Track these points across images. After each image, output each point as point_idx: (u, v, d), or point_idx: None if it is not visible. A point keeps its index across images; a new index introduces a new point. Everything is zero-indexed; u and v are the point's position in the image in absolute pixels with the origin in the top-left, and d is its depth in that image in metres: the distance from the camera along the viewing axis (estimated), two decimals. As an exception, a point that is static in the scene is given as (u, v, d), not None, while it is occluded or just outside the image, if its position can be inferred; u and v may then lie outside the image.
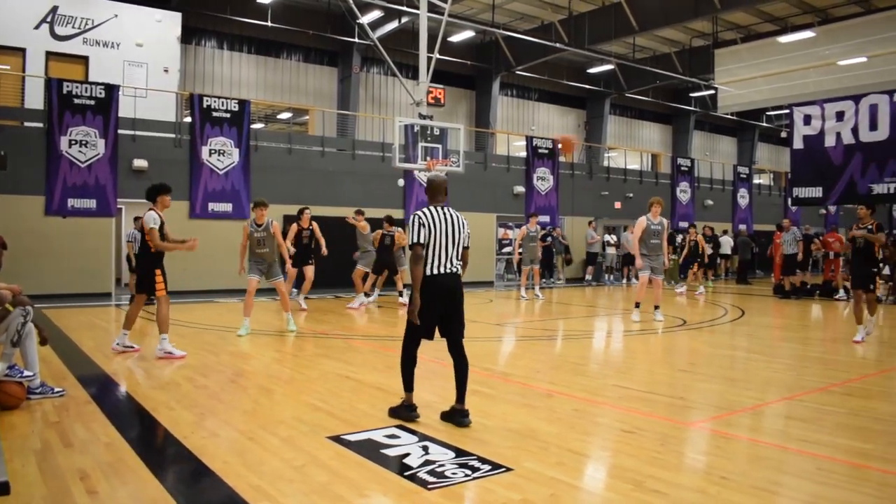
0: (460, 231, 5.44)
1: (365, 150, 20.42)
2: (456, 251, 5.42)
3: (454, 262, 5.41)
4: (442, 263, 5.34)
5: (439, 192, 5.57)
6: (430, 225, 5.31)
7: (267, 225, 10.38)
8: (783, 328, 12.64)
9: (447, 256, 5.36)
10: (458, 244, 5.43)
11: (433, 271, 5.31)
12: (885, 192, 15.95)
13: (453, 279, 5.39)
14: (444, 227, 5.36)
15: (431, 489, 3.98)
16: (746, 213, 30.39)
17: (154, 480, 4.12)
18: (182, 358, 8.27)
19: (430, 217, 5.35)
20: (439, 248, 5.33)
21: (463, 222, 5.51)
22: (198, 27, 22.26)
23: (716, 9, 21.49)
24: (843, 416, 5.72)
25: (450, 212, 5.49)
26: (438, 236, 5.32)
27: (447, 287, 5.35)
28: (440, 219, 5.37)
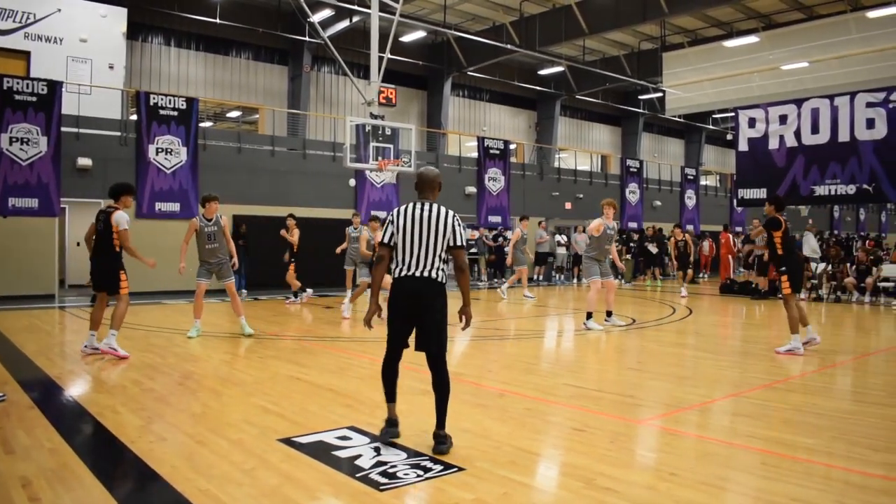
0: (439, 231, 4.85)
1: (316, 150, 20.27)
2: (430, 253, 4.85)
3: (425, 265, 4.85)
4: (409, 267, 4.85)
5: (427, 187, 5.07)
6: (398, 223, 4.88)
7: (217, 220, 10.08)
8: (729, 326, 12.91)
9: (415, 259, 4.85)
10: (435, 245, 4.85)
11: (397, 273, 4.89)
12: (826, 193, 16.43)
13: (420, 283, 4.84)
14: (416, 225, 4.85)
15: (384, 490, 3.97)
16: (693, 214, 30.98)
17: (100, 486, 4.02)
18: (126, 358, 8.14)
19: (401, 217, 4.90)
20: (406, 249, 4.86)
21: (447, 221, 4.89)
22: (144, 23, 21.81)
23: (663, 13, 21.87)
24: (787, 412, 5.86)
25: (431, 209, 4.91)
26: (406, 236, 4.85)
27: (412, 291, 4.85)
28: (414, 217, 4.87)
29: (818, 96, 17.18)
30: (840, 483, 4.16)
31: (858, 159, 15.71)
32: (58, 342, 10.24)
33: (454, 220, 4.94)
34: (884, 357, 9.21)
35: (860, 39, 21.74)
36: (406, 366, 8.11)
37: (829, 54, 22.52)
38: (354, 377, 7.38)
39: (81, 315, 13.16)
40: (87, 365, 8.03)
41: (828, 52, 22.51)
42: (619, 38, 28.44)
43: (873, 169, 15.51)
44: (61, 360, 8.41)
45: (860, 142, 15.69)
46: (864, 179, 15.70)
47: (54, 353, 8.94)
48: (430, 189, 5.08)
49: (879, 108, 15.45)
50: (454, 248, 4.92)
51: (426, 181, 5.08)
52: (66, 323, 12.40)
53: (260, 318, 12.56)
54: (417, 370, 7.67)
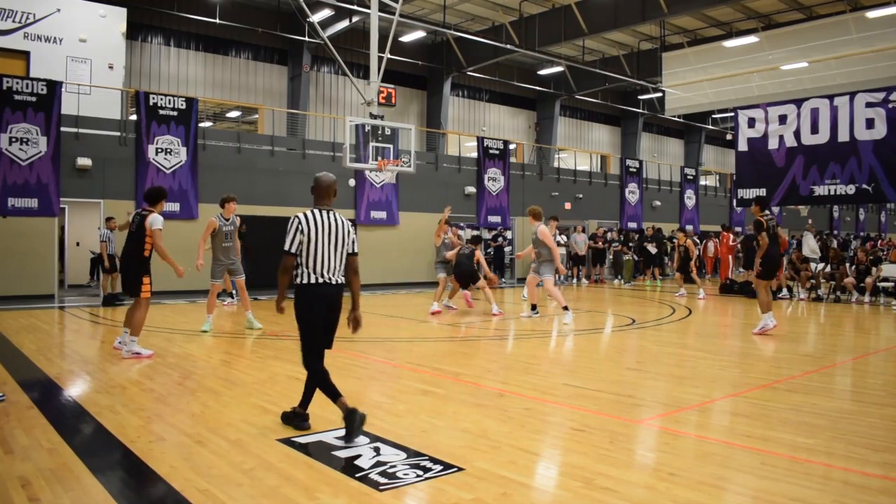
0: (345, 237, 5.13)
1: (315, 150, 20.26)
2: (339, 259, 5.12)
3: (337, 271, 5.13)
4: (324, 273, 5.06)
5: (326, 193, 5.23)
6: (308, 231, 5.02)
7: (233, 219, 10.59)
8: (729, 326, 12.91)
9: (331, 265, 5.08)
10: (342, 252, 5.13)
11: (313, 280, 5.05)
12: (825, 193, 16.43)
13: (336, 290, 5.13)
14: (326, 233, 5.05)
15: (383, 490, 3.97)
16: (693, 214, 31.00)
17: (99, 486, 4.02)
18: (150, 357, 8.38)
19: (311, 222, 5.04)
20: (320, 256, 5.04)
21: (348, 228, 5.18)
22: (144, 23, 21.81)
23: (663, 13, 21.86)
24: (786, 412, 5.86)
25: (334, 216, 5.14)
26: (320, 244, 5.03)
27: (332, 298, 5.11)
28: (324, 225, 5.05)
29: (818, 96, 17.18)
30: (839, 483, 4.16)
31: (858, 159, 15.71)
32: (57, 342, 10.24)
33: (352, 228, 5.24)
34: (883, 357, 9.20)
35: (860, 39, 21.74)
36: (404, 365, 8.14)
37: (829, 54, 22.52)
38: (352, 377, 7.38)
39: (81, 315, 13.17)
40: (88, 365, 8.03)
41: (827, 52, 22.52)
42: (618, 38, 28.43)
43: (873, 169, 15.51)
44: (60, 360, 8.41)
45: (860, 142, 15.69)
46: (863, 179, 15.70)
47: (54, 353, 8.94)
48: (328, 195, 5.25)
49: (879, 108, 15.44)
50: (353, 254, 5.22)
51: (324, 187, 5.23)
52: (66, 323, 12.40)
53: (260, 319, 12.55)
54: (417, 370, 7.69)
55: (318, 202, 5.24)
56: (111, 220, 15.15)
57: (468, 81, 30.05)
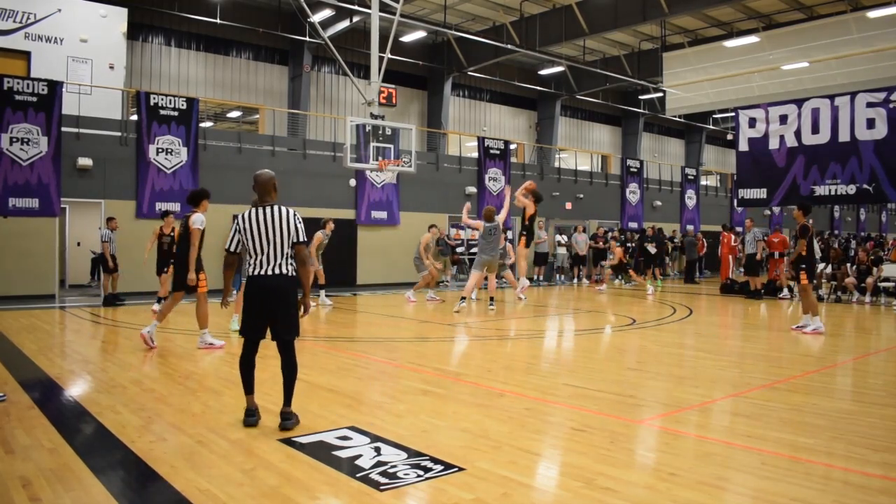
0: (283, 230, 5.30)
1: (316, 150, 20.27)
2: (278, 251, 5.28)
3: (276, 263, 5.28)
4: (261, 265, 5.27)
5: (265, 190, 5.46)
6: (244, 230, 5.30)
7: None
8: (729, 326, 12.91)
9: (267, 257, 5.27)
10: (282, 244, 5.29)
11: (252, 272, 5.29)
12: (826, 193, 16.43)
13: (273, 280, 5.26)
14: (262, 228, 5.27)
15: (384, 490, 3.97)
16: (694, 214, 31.00)
17: (100, 486, 4.03)
18: (222, 347, 8.94)
19: (247, 221, 5.31)
20: (257, 251, 5.27)
21: (289, 219, 5.34)
22: (144, 23, 21.81)
23: (663, 13, 21.86)
24: (787, 412, 5.86)
25: (273, 211, 5.33)
26: (255, 239, 5.27)
27: (265, 288, 5.25)
28: (258, 221, 5.29)
29: (818, 96, 17.19)
30: (839, 483, 4.16)
31: (859, 159, 15.72)
32: (58, 342, 10.24)
33: (295, 219, 5.39)
34: (884, 357, 9.20)
35: (860, 39, 21.73)
36: (404, 365, 8.14)
37: (830, 54, 22.52)
38: (354, 377, 7.39)
39: (82, 315, 13.18)
40: (88, 364, 8.04)
41: (828, 52, 22.51)
42: (619, 38, 28.43)
43: (873, 169, 15.52)
44: (61, 360, 8.42)
45: (860, 142, 15.70)
46: (864, 179, 15.70)
47: (54, 353, 8.95)
48: (267, 191, 5.47)
49: (880, 108, 15.45)
50: (297, 243, 5.35)
51: (262, 184, 5.47)
52: (67, 323, 12.41)
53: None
54: (417, 370, 7.69)
55: (259, 199, 5.45)
56: (112, 221, 15.15)
57: (469, 81, 30.05)
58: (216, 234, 17.68)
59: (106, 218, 15.43)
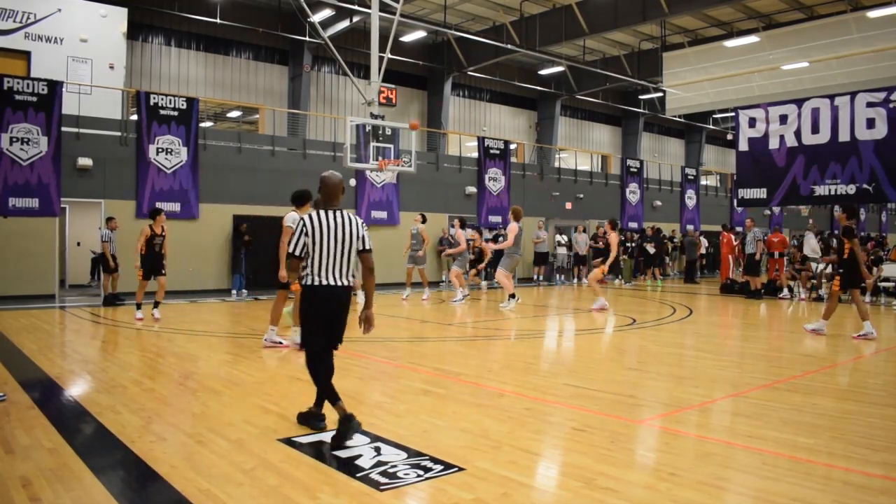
0: (353, 237, 5.04)
1: (316, 150, 20.27)
2: (344, 260, 5.01)
3: (341, 272, 5.01)
4: (325, 274, 4.96)
5: (334, 193, 5.17)
6: (312, 233, 4.96)
7: None
8: (729, 326, 12.91)
9: (333, 265, 4.98)
10: (349, 252, 5.03)
11: (316, 282, 4.95)
12: (826, 193, 16.43)
13: (340, 291, 5.01)
14: (331, 234, 4.97)
15: (384, 490, 3.97)
16: (694, 214, 31.00)
17: (100, 486, 4.03)
18: (287, 347, 8.89)
19: (316, 225, 4.97)
20: (323, 257, 4.96)
21: (357, 226, 5.08)
22: (144, 23, 21.80)
23: (664, 12, 21.86)
24: (787, 412, 5.85)
25: (342, 216, 5.07)
26: (323, 244, 4.95)
27: (332, 298, 4.99)
28: (327, 225, 4.98)
29: (818, 96, 17.18)
30: (840, 483, 4.15)
31: (858, 159, 15.71)
32: (58, 342, 10.24)
33: (361, 226, 5.12)
34: (884, 357, 9.20)
35: (860, 39, 21.72)
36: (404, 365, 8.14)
37: (830, 54, 22.51)
38: (353, 377, 7.38)
39: (82, 315, 13.17)
40: (88, 364, 8.04)
41: (828, 52, 22.50)
42: (619, 38, 28.42)
43: (873, 169, 15.52)
44: (61, 360, 8.42)
45: (860, 142, 15.69)
46: (864, 179, 15.70)
47: (54, 353, 8.95)
48: (336, 196, 5.18)
49: (880, 107, 15.44)
50: (365, 251, 5.11)
51: (331, 187, 5.17)
52: (67, 323, 12.40)
53: (260, 319, 12.57)
54: (417, 370, 7.69)
55: (325, 202, 5.16)
56: (112, 220, 15.15)
57: (469, 81, 30.04)
58: (216, 233, 17.70)
59: (106, 218, 15.43)
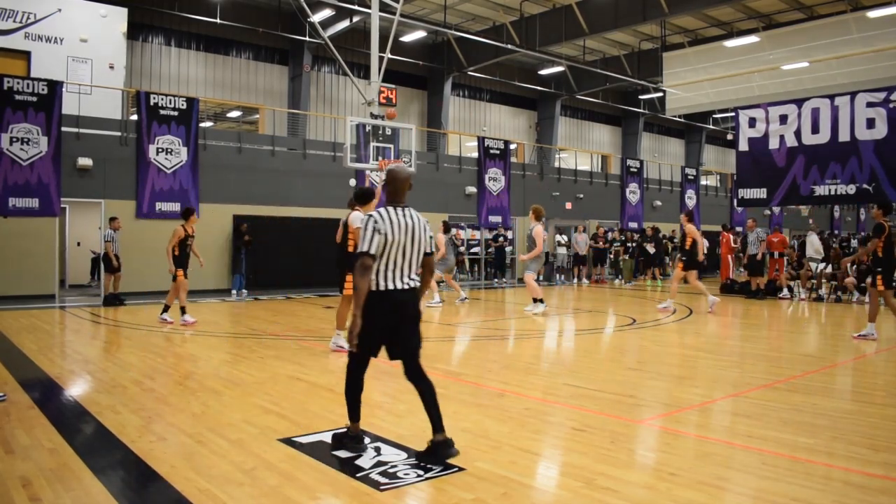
0: (421, 237, 4.61)
1: (316, 150, 20.26)
2: (414, 262, 4.59)
3: (411, 275, 4.59)
4: (396, 277, 4.50)
5: (402, 189, 4.66)
6: (386, 231, 4.45)
7: None
8: (729, 326, 12.91)
9: (403, 268, 4.54)
10: (418, 253, 4.60)
11: (385, 286, 4.47)
12: (826, 193, 16.43)
13: (407, 295, 4.55)
14: (404, 233, 4.50)
15: (384, 490, 3.97)
16: (694, 214, 30.97)
17: (100, 486, 4.03)
18: None
19: (389, 223, 4.47)
20: (395, 259, 4.49)
21: (425, 226, 4.67)
22: (144, 23, 21.81)
23: (664, 13, 21.85)
24: (787, 412, 5.85)
25: (411, 214, 4.61)
26: (396, 245, 4.47)
27: (398, 303, 4.51)
28: (400, 224, 4.50)
29: (818, 96, 17.18)
30: (840, 483, 4.16)
31: (858, 159, 15.72)
32: (58, 342, 10.24)
33: (427, 226, 4.73)
34: (884, 357, 9.20)
35: (860, 39, 21.72)
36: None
37: (830, 54, 22.51)
38: (354, 377, 7.38)
39: (82, 315, 13.17)
40: (88, 364, 8.04)
41: (828, 52, 22.50)
42: (619, 38, 28.42)
43: (873, 169, 15.52)
44: (61, 360, 8.42)
45: (860, 142, 15.70)
46: (864, 179, 15.70)
47: (54, 353, 8.95)
48: (403, 191, 4.69)
49: (880, 107, 15.45)
50: (430, 255, 4.74)
51: (400, 182, 4.67)
52: (67, 323, 12.40)
53: (260, 319, 12.58)
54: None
55: (391, 199, 4.66)
56: (115, 220, 15.14)
57: (469, 81, 30.04)
58: (216, 233, 17.69)
59: (109, 218, 15.41)
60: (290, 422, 5.43)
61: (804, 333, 10.94)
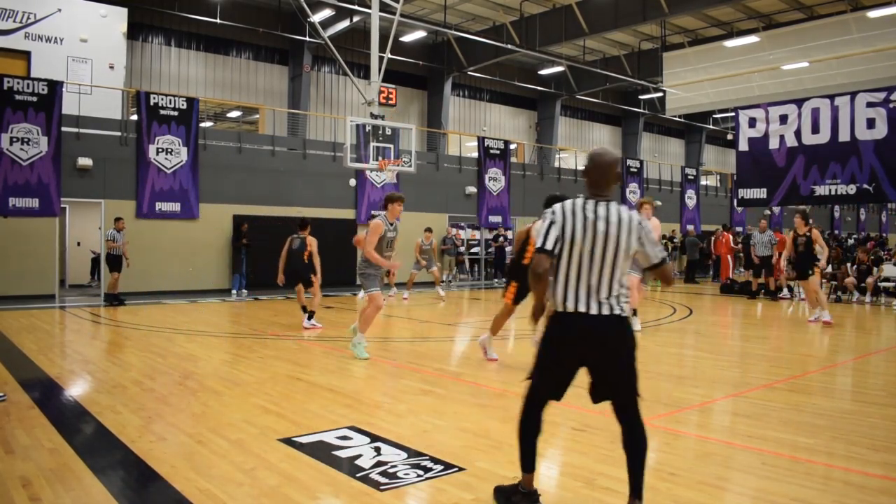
0: (625, 242, 3.42)
1: (316, 150, 20.26)
2: (613, 275, 3.42)
3: (606, 294, 3.42)
4: (579, 296, 3.42)
5: (604, 178, 3.53)
6: (566, 229, 3.43)
7: (396, 224, 8.88)
8: (729, 326, 12.91)
9: (593, 282, 3.42)
10: (619, 265, 3.43)
11: (566, 305, 3.44)
12: (826, 193, 16.43)
13: (604, 324, 3.41)
14: (594, 233, 3.40)
15: (384, 490, 3.97)
16: (694, 214, 30.98)
17: (100, 486, 4.03)
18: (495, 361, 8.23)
19: (572, 217, 3.43)
20: (580, 268, 3.42)
21: (633, 227, 3.45)
22: (144, 23, 21.81)
23: (664, 12, 21.85)
24: (787, 412, 5.85)
25: (614, 209, 3.46)
26: (580, 247, 3.41)
27: (583, 332, 3.44)
28: (588, 220, 3.41)
29: (818, 96, 17.17)
30: (840, 483, 4.16)
31: (859, 159, 15.71)
32: (58, 342, 10.24)
33: (641, 228, 3.48)
34: (884, 357, 9.20)
35: (860, 39, 21.72)
36: (405, 365, 8.13)
37: (830, 54, 22.51)
38: (355, 377, 7.38)
39: (82, 315, 13.17)
40: (88, 365, 8.04)
41: (828, 52, 22.50)
42: (619, 38, 28.42)
43: (874, 169, 15.52)
44: (61, 360, 8.42)
45: (860, 142, 15.69)
46: (864, 179, 15.70)
47: (54, 353, 8.94)
48: (607, 180, 3.54)
49: (880, 107, 15.44)
50: (658, 265, 3.58)
51: (603, 168, 3.54)
52: (67, 323, 12.40)
53: (260, 319, 12.57)
54: (417, 370, 7.68)
55: (593, 188, 3.56)
56: (119, 221, 15.00)
57: (469, 81, 30.04)
58: (216, 233, 17.69)
59: (114, 218, 15.23)
60: (290, 422, 5.42)
61: (804, 333, 10.94)
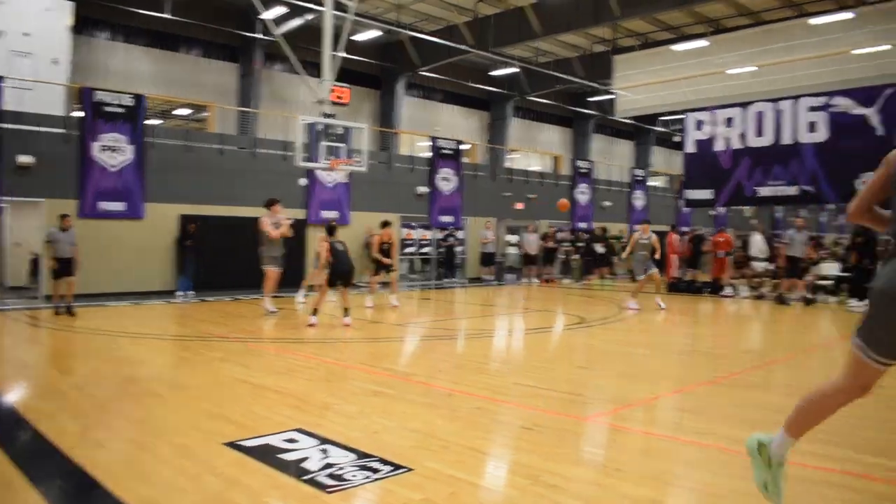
0: None
1: (266, 149, 20.02)
2: None
3: None
4: None
5: None
6: None
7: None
8: (674, 324, 13.13)
9: None
10: None
11: None
12: (769, 194, 16.82)
13: None
14: None
15: (331, 492, 3.94)
16: (642, 214, 31.42)
17: (36, 496, 3.91)
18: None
19: None
20: None
21: None
22: (91, 17, 21.27)
23: (615, 16, 22.13)
24: (729, 408, 5.97)
25: None
26: None
27: None
28: None
29: (763, 100, 17.59)
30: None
31: (800, 161, 16.13)
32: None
33: None
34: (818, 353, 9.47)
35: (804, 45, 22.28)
36: (356, 367, 8.08)
37: (775, 59, 23.05)
38: (302, 378, 7.31)
39: (21, 318, 12.80)
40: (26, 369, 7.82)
41: (773, 57, 23.03)
42: (571, 41, 28.69)
43: (814, 171, 15.95)
44: (-1, 364, 8.17)
45: (802, 144, 16.12)
46: (805, 181, 16.12)
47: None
48: None
49: (821, 111, 15.88)
50: None
51: None
52: (4, 326, 12.03)
53: (207, 321, 12.37)
54: (368, 371, 7.65)
55: None
56: (66, 218, 13.68)
57: (422, 81, 30.01)
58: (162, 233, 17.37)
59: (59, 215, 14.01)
60: (235, 425, 5.34)
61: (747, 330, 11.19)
